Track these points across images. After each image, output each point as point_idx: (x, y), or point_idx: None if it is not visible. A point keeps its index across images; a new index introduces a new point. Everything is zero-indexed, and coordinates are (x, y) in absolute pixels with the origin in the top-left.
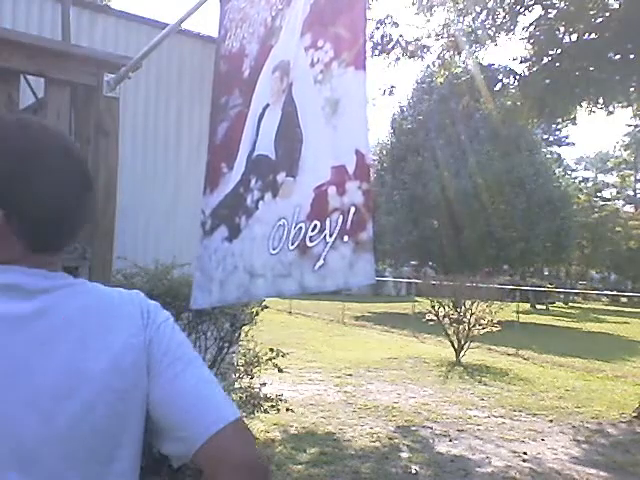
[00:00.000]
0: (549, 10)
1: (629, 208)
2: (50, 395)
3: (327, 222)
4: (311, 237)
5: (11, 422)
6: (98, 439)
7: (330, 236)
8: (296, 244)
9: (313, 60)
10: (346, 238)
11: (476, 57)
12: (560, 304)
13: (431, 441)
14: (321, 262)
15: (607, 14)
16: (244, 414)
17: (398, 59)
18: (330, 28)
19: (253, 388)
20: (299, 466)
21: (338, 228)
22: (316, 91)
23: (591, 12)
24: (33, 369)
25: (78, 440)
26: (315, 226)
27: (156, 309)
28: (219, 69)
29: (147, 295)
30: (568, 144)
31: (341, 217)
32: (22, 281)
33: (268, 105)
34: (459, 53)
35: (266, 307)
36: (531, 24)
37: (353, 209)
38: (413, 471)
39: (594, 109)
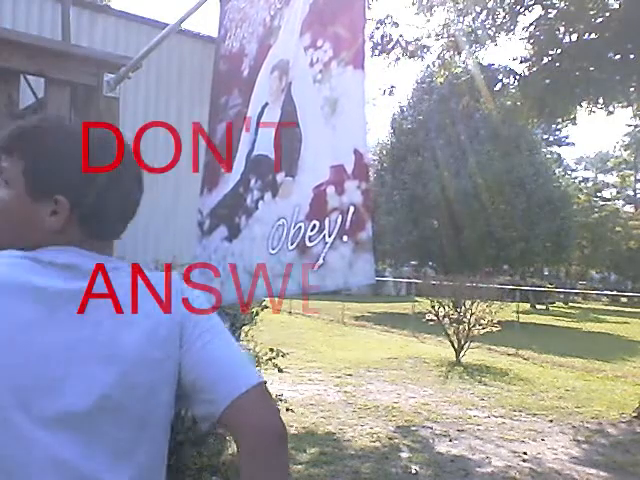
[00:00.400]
0: (549, 10)
1: (629, 208)
2: (94, 362)
3: (326, 222)
4: (310, 237)
5: (60, 384)
6: (133, 404)
7: (329, 236)
8: (295, 244)
9: (312, 60)
10: (345, 238)
11: (476, 57)
12: (560, 304)
13: (431, 441)
14: (320, 262)
15: (607, 14)
16: None
17: (398, 59)
18: (329, 28)
19: None
20: (299, 466)
21: (337, 228)
22: (315, 91)
23: (591, 12)
24: (81, 340)
25: (115, 404)
26: (314, 226)
27: (189, 289)
28: (219, 69)
29: None
30: (568, 144)
31: (340, 217)
32: (78, 261)
33: (267, 104)
34: (459, 53)
35: (266, 307)
36: (531, 24)
37: (352, 209)
38: (413, 471)
39: (594, 109)
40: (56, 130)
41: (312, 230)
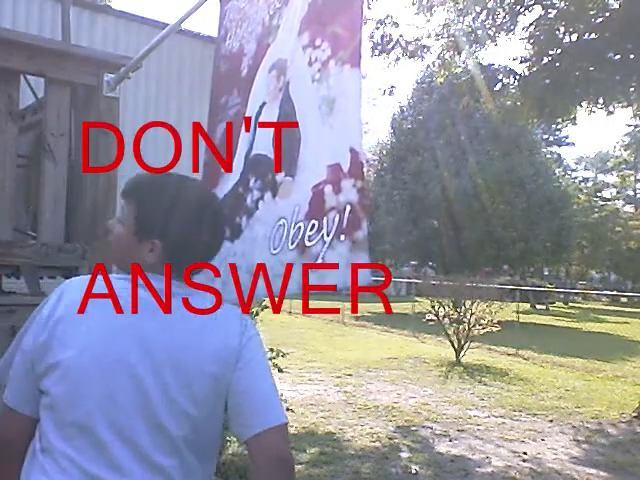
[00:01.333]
0: (549, 10)
1: (629, 208)
2: (166, 367)
3: (324, 221)
4: (310, 236)
5: (142, 382)
6: (191, 406)
7: (327, 235)
8: (295, 244)
9: (311, 59)
10: (342, 237)
11: (476, 57)
12: (560, 304)
13: (431, 441)
14: (319, 262)
15: (607, 14)
16: None
17: (398, 59)
18: (328, 27)
19: None
20: (299, 466)
21: (335, 227)
22: (314, 90)
23: (591, 12)
24: (159, 346)
25: (176, 404)
26: (313, 225)
27: (252, 324)
28: (219, 69)
29: None
30: (568, 144)
31: (337, 216)
32: (161, 286)
33: (265, 103)
34: (459, 53)
35: (266, 307)
36: (531, 24)
37: (349, 207)
38: (413, 471)
39: (594, 109)
40: (162, 187)
41: (311, 230)
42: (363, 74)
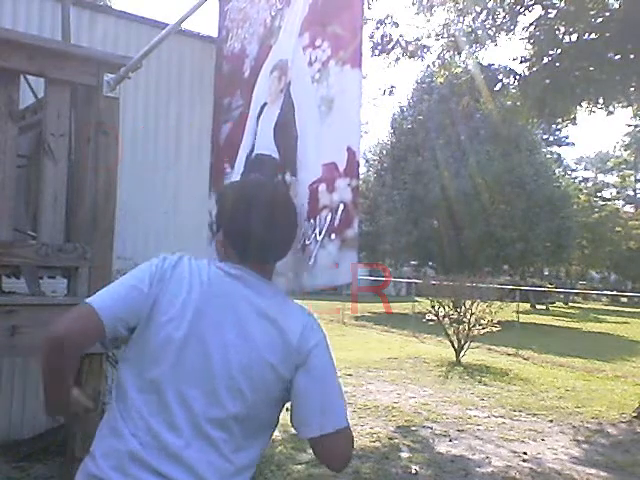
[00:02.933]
0: (549, 10)
1: (629, 208)
2: (232, 347)
3: (317, 220)
4: (308, 235)
5: (210, 357)
6: (248, 388)
7: (319, 234)
8: (300, 244)
9: (311, 59)
10: (333, 236)
11: (476, 57)
12: (560, 304)
13: (431, 441)
14: (312, 260)
15: (607, 14)
16: None
17: (398, 59)
18: (328, 27)
19: None
20: (299, 466)
21: (326, 226)
22: (313, 90)
23: (591, 12)
24: (229, 332)
25: (235, 382)
26: (310, 224)
27: (317, 327)
28: (221, 70)
29: None
30: (568, 144)
31: (329, 215)
32: (243, 274)
33: (265, 104)
34: (459, 53)
35: None
36: (531, 24)
37: (342, 206)
38: (413, 471)
39: (594, 109)
40: (227, 192)
41: (309, 229)
42: (364, 74)
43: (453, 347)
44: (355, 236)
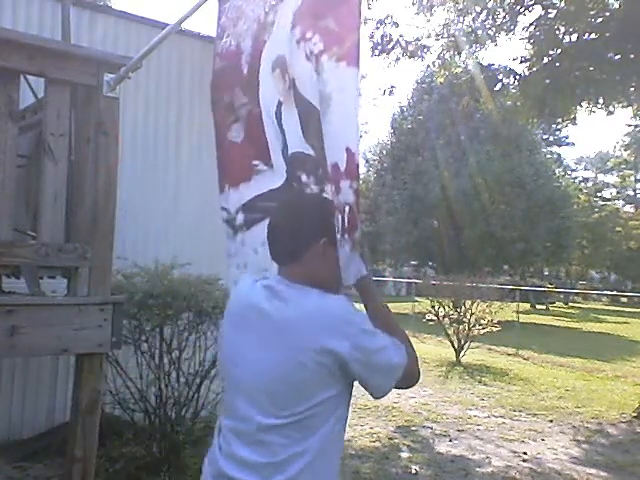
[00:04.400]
0: (549, 10)
1: (629, 208)
2: (263, 350)
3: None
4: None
5: (254, 372)
6: (281, 387)
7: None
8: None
9: (307, 53)
10: (346, 236)
11: (476, 57)
12: (560, 304)
13: (431, 441)
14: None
15: (607, 14)
16: None
17: (398, 59)
18: (321, 21)
19: None
20: None
21: (340, 226)
22: (314, 84)
23: (591, 12)
24: (259, 347)
25: (273, 387)
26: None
27: (352, 320)
28: (215, 67)
29: (147, 295)
30: (568, 144)
31: (339, 215)
32: (272, 284)
33: (281, 103)
34: (459, 53)
35: None
36: (531, 24)
37: (347, 208)
38: (413, 471)
39: (594, 109)
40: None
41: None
42: (363, 74)
43: (453, 347)
44: (359, 238)
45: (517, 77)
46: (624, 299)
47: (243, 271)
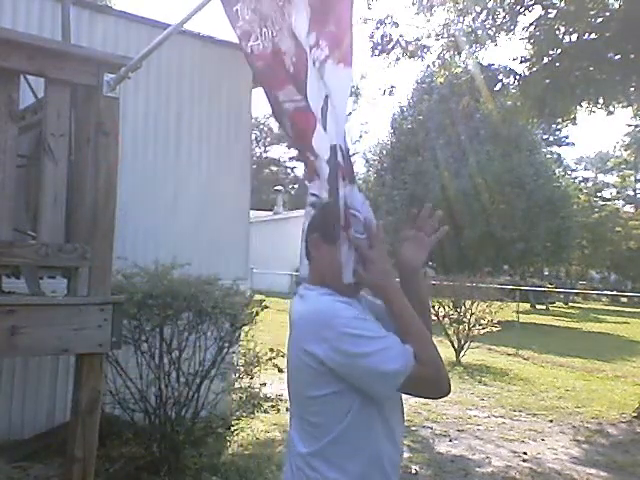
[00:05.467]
0: (549, 10)
1: (629, 208)
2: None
3: None
4: None
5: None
6: (297, 385)
7: None
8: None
9: (314, 58)
10: (344, 234)
11: (476, 57)
12: (560, 304)
13: (431, 441)
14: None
15: (607, 14)
16: (244, 414)
17: (398, 59)
18: (326, 26)
19: (253, 388)
20: None
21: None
22: (318, 89)
23: (591, 12)
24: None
25: (292, 385)
26: None
27: (335, 324)
28: (255, 67)
29: (147, 295)
30: (568, 144)
31: (338, 214)
32: (300, 289)
33: (327, 96)
34: (459, 53)
35: (266, 307)
36: (531, 24)
37: (343, 206)
38: (413, 471)
39: (594, 109)
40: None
41: None
42: (364, 74)
43: (453, 347)
44: (354, 238)
45: (517, 77)
46: (624, 299)
47: None
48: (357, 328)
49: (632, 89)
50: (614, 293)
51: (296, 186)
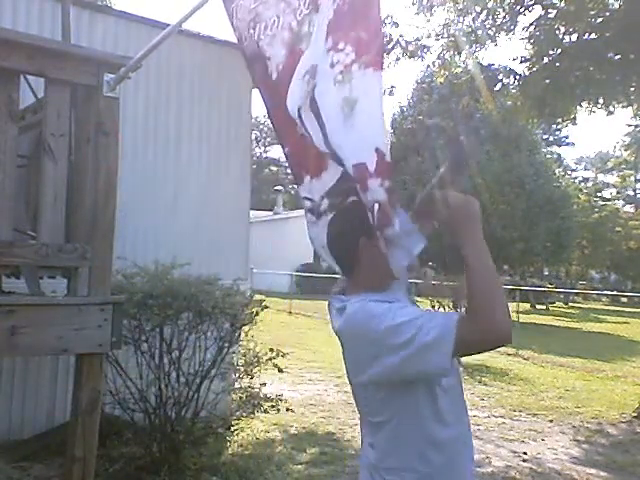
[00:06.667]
0: (549, 10)
1: (629, 208)
2: (351, 370)
3: None
4: None
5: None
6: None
7: None
8: None
9: (333, 61)
10: (378, 233)
11: (476, 57)
12: (560, 304)
13: None
14: None
15: (607, 14)
16: (244, 414)
17: (398, 59)
18: (351, 31)
19: (253, 388)
20: (299, 466)
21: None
22: (335, 91)
23: (591, 12)
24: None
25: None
26: None
27: (349, 323)
28: (254, 70)
29: (147, 295)
30: (568, 144)
31: (369, 213)
32: (333, 301)
33: (300, 107)
34: (459, 53)
35: (266, 307)
36: (531, 24)
37: (377, 206)
38: None
39: (594, 109)
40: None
41: None
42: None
43: None
44: (396, 234)
45: (517, 77)
46: (624, 299)
47: (321, 250)
48: (395, 317)
49: (632, 89)
50: (614, 293)
51: (296, 186)
